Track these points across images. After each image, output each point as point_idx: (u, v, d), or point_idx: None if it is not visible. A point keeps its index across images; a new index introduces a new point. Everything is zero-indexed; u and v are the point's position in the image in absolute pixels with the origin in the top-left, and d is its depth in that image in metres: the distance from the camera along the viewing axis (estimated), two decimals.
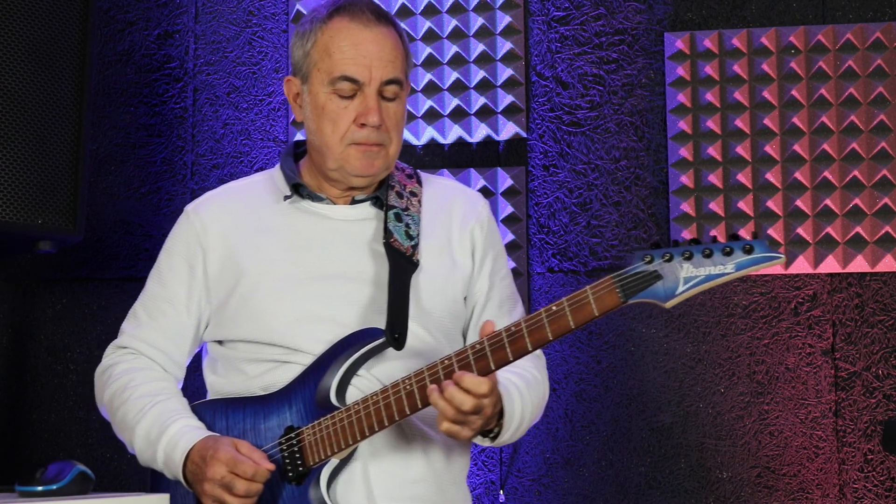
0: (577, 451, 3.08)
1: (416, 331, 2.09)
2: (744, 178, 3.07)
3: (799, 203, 3.04)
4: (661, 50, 3.16)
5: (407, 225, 2.15)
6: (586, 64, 3.21)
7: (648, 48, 3.18)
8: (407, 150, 3.22)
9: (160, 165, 3.38)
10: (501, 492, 3.06)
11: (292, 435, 2.03)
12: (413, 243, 2.13)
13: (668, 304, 1.81)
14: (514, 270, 3.09)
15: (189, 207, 2.26)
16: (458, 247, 2.20)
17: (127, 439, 2.16)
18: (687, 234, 3.08)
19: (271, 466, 1.98)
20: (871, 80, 3.05)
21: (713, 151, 3.09)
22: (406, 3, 3.28)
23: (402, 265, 2.10)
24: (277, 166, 2.26)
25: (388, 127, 2.13)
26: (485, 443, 2.05)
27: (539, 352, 2.21)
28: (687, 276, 1.80)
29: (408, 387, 1.95)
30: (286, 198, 2.19)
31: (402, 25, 3.27)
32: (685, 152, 3.11)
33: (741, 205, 3.06)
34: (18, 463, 3.30)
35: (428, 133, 3.25)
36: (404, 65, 2.17)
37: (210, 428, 2.10)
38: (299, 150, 2.27)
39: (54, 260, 3.34)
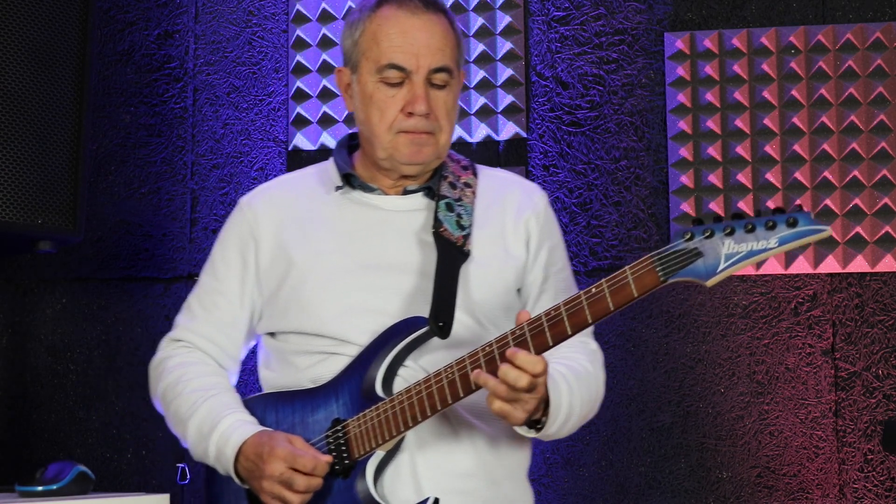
0: (577, 451, 3.08)
1: (464, 321, 2.07)
2: (744, 178, 3.07)
3: (799, 203, 3.04)
4: (661, 50, 3.16)
5: (459, 215, 2.13)
6: (586, 64, 3.21)
7: (648, 48, 3.18)
8: None
9: (160, 165, 3.38)
10: None
11: (338, 427, 2.01)
12: (465, 233, 2.11)
13: (710, 283, 1.73)
14: None
15: (243, 199, 2.26)
16: (513, 237, 2.16)
17: (180, 433, 2.16)
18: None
19: (329, 459, 1.97)
20: (871, 80, 3.05)
21: (713, 151, 3.09)
22: None
23: (451, 255, 2.07)
24: (332, 158, 2.25)
25: (438, 115, 2.11)
26: (531, 434, 1.99)
27: (595, 346, 2.19)
28: (728, 253, 1.72)
29: (449, 375, 1.91)
30: (337, 188, 2.18)
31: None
32: (685, 152, 3.11)
33: (741, 205, 3.06)
34: (18, 463, 3.30)
35: None
36: (455, 53, 2.14)
37: (261, 422, 2.09)
38: (354, 143, 2.26)
39: (54, 260, 3.34)
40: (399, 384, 2.02)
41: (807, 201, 3.03)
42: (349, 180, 2.18)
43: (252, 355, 2.28)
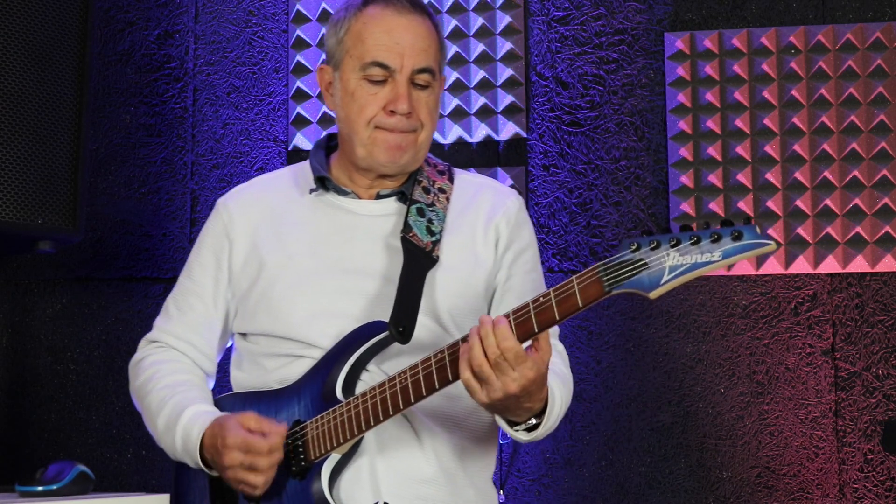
0: (577, 451, 3.08)
1: (429, 326, 2.07)
2: (744, 178, 3.07)
3: (799, 203, 3.04)
4: (661, 50, 3.16)
5: (430, 220, 2.13)
6: (586, 64, 3.21)
7: (648, 48, 3.18)
8: None
9: (160, 165, 3.38)
10: (501, 491, 3.06)
11: (297, 429, 2.02)
12: (434, 239, 2.10)
13: (653, 295, 1.70)
14: None
15: (220, 200, 2.27)
16: (483, 242, 2.16)
17: (152, 430, 2.18)
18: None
19: (282, 430, 1.98)
20: (871, 80, 3.05)
21: (713, 151, 3.09)
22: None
23: (417, 260, 2.07)
24: (308, 159, 2.25)
25: (420, 115, 2.11)
26: (519, 435, 1.97)
27: (562, 347, 2.19)
28: (672, 265, 1.70)
29: (402, 381, 1.92)
30: (312, 191, 2.19)
31: None
32: (685, 152, 3.11)
33: (741, 205, 3.06)
34: (18, 463, 3.30)
35: None
36: (438, 55, 2.15)
37: None
38: (332, 144, 2.26)
39: (54, 260, 3.34)
40: (361, 388, 2.03)
41: (807, 201, 3.03)
42: (323, 183, 2.18)
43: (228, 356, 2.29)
